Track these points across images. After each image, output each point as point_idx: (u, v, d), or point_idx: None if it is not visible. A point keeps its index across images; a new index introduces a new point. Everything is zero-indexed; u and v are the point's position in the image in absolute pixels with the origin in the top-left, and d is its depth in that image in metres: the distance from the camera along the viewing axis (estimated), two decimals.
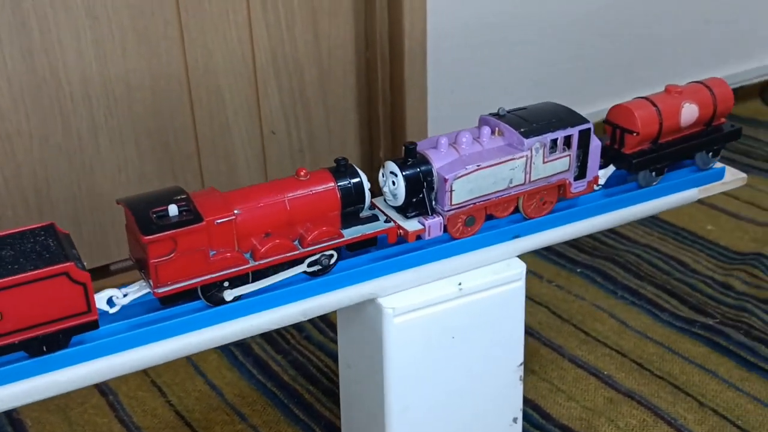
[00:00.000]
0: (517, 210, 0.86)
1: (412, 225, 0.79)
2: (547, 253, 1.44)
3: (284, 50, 1.44)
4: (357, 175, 0.77)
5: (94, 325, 0.67)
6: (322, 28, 1.46)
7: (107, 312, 0.71)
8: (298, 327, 1.26)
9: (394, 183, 0.79)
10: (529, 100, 1.76)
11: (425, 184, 0.79)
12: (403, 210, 0.80)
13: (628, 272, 1.39)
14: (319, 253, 0.75)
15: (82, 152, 1.31)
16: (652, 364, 1.18)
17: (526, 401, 1.12)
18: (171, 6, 1.31)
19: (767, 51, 2.08)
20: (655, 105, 0.90)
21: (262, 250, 0.72)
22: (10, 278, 0.63)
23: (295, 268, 0.75)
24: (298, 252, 0.74)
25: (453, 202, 0.79)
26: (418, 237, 0.80)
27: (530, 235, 0.86)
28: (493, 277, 0.82)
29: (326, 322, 1.27)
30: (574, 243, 1.46)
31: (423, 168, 0.79)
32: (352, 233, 0.77)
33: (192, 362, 1.19)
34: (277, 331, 1.25)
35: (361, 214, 0.78)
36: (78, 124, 1.29)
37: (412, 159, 0.79)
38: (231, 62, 1.39)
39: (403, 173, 0.78)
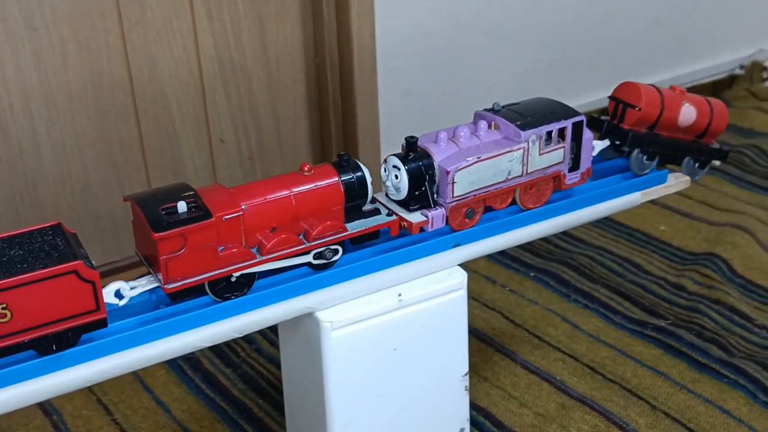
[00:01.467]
0: (514, 202, 0.88)
1: (415, 217, 0.81)
2: (501, 257, 1.44)
3: (231, 58, 1.42)
4: (359, 169, 0.79)
5: (102, 324, 0.68)
6: (269, 34, 1.44)
7: (116, 305, 0.72)
8: (248, 339, 1.24)
9: (397, 177, 0.81)
10: (481, 105, 1.75)
11: (427, 177, 0.80)
12: (406, 204, 0.82)
13: (581, 275, 1.38)
14: (324, 246, 0.76)
15: (23, 164, 1.28)
16: (604, 368, 1.17)
17: (479, 409, 1.11)
18: (112, 15, 1.28)
19: (719, 51, 2.09)
20: (660, 92, 0.94)
21: (269, 245, 0.73)
22: (20, 277, 0.63)
23: (300, 258, 0.76)
24: (303, 246, 0.75)
25: (455, 194, 0.81)
26: (422, 229, 0.81)
27: (471, 243, 0.84)
28: (434, 286, 0.81)
29: (277, 334, 1.25)
30: (527, 247, 1.46)
31: (425, 161, 0.81)
32: (355, 227, 0.78)
33: (139, 378, 1.17)
34: (227, 343, 1.23)
35: (363, 208, 0.80)
36: (19, 136, 1.26)
37: (413, 153, 0.81)
38: (176, 71, 1.37)
39: (406, 167, 0.80)
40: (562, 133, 0.87)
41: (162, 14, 1.32)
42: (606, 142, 0.96)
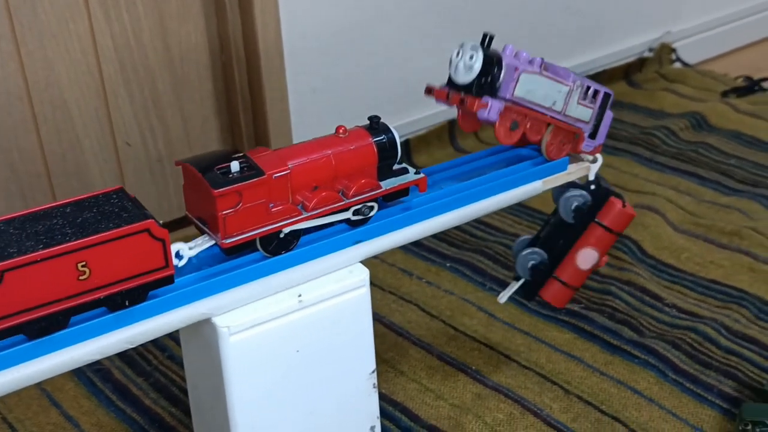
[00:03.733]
0: (539, 151, 0.95)
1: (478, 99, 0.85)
2: (418, 249, 1.43)
3: (133, 58, 1.38)
4: (390, 131, 0.84)
5: (170, 280, 0.72)
6: (171, 33, 1.41)
7: (176, 265, 0.75)
8: (160, 346, 1.21)
9: (472, 57, 0.85)
10: (394, 97, 1.75)
11: (496, 68, 0.86)
12: (468, 88, 0.86)
13: (496, 263, 1.39)
14: (361, 203, 0.82)
15: None
16: (519, 355, 1.18)
17: (395, 404, 1.10)
18: (2, 19, 1.24)
19: (628, 35, 2.12)
20: None
21: (313, 202, 0.79)
22: (98, 236, 0.67)
23: (339, 214, 0.81)
24: (343, 203, 0.81)
25: (515, 93, 0.86)
26: (479, 109, 0.85)
27: (371, 239, 0.84)
28: (335, 285, 0.80)
29: None
30: (443, 237, 1.46)
31: (497, 56, 0.87)
32: (388, 184, 0.83)
33: (46, 393, 1.13)
34: (139, 352, 1.20)
35: (393, 168, 0.85)
36: None
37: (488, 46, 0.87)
38: (75, 74, 1.33)
39: (484, 51, 0.85)
40: (595, 95, 0.95)
41: (56, 16, 1.28)
42: None
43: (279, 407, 0.81)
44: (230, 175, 0.74)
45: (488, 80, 0.86)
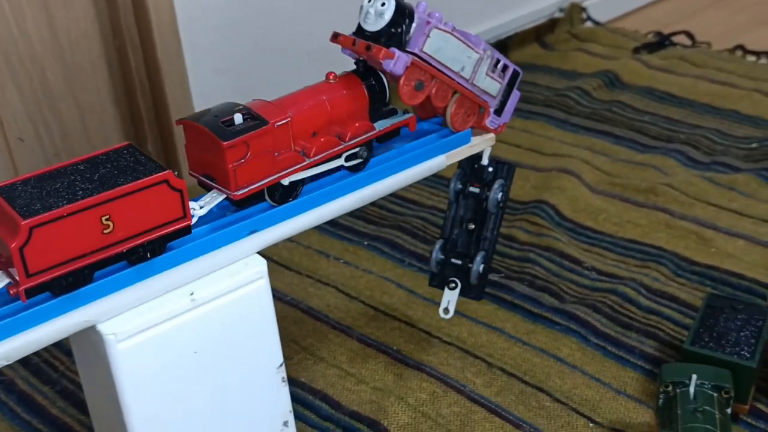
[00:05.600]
0: (445, 123, 0.91)
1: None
2: (334, 229, 1.40)
3: (18, 49, 1.30)
4: (377, 74, 0.85)
5: (188, 230, 0.73)
6: (57, 20, 1.33)
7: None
8: (66, 351, 1.15)
9: (384, 4, 0.82)
10: (304, 72, 1.69)
11: (408, 20, 0.82)
12: (376, 38, 0.82)
13: (415, 238, 1.36)
14: (358, 147, 0.83)
15: None
16: (440, 330, 1.16)
17: (315, 392, 1.07)
18: None
19: None
20: None
21: (315, 147, 0.80)
22: (120, 188, 0.68)
23: (338, 160, 0.82)
24: (342, 146, 0.82)
25: (424, 48, 0.83)
26: (385, 58, 0.81)
27: (268, 228, 0.79)
28: (230, 280, 0.76)
29: None
30: (360, 215, 1.42)
31: (410, 8, 0.83)
32: (380, 126, 0.85)
33: None
34: (44, 359, 1.14)
35: (383, 110, 0.86)
36: None
37: None
38: None
39: (397, 0, 0.82)
40: (504, 70, 0.93)
41: None
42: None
43: (182, 412, 0.76)
44: (236, 127, 0.75)
45: (398, 31, 0.83)
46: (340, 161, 0.83)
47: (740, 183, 1.44)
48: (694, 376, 0.92)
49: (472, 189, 1.00)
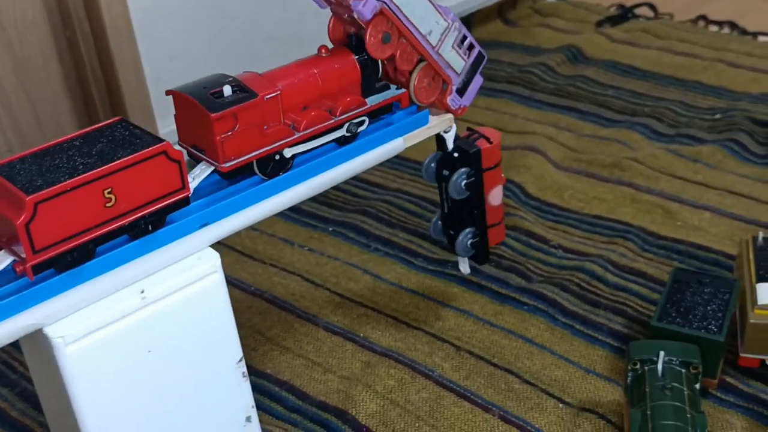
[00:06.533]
0: (411, 101, 0.90)
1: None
2: (298, 215, 1.37)
3: None
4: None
5: (186, 201, 0.74)
6: (5, 13, 1.29)
7: None
8: None
9: None
10: (262, 57, 1.66)
11: None
12: None
13: (380, 222, 1.34)
14: (348, 121, 0.83)
15: None
16: (407, 315, 1.14)
17: (281, 384, 1.05)
18: None
19: None
20: None
21: (305, 121, 0.80)
22: (120, 161, 0.68)
23: (329, 135, 0.83)
24: (333, 120, 0.82)
25: None
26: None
27: (221, 220, 0.77)
28: (182, 276, 0.73)
29: None
30: (324, 200, 1.40)
31: None
32: (372, 101, 0.85)
33: None
34: (3, 360, 1.12)
35: (376, 85, 0.86)
36: None
37: None
38: None
39: None
40: (471, 48, 0.92)
41: None
42: None
43: (139, 413, 0.74)
44: (225, 99, 0.74)
45: None
46: (332, 136, 0.83)
47: (705, 155, 1.43)
48: (662, 353, 0.91)
49: (444, 172, 0.99)
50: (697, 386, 0.91)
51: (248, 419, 0.83)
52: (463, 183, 0.97)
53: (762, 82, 1.66)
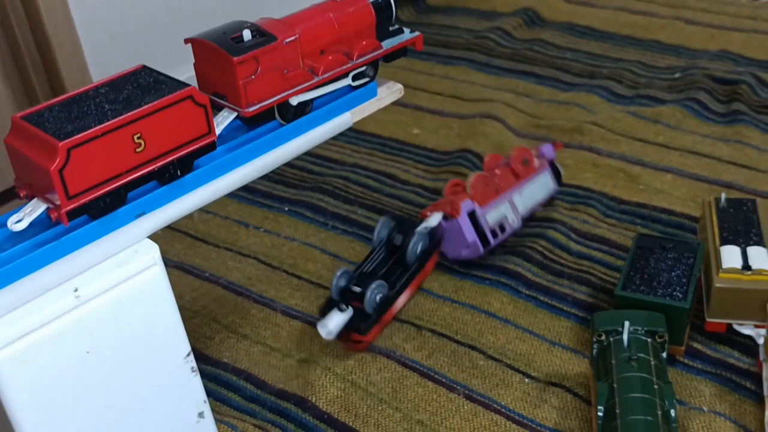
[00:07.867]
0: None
1: None
2: (252, 196, 1.33)
3: None
4: None
5: (213, 146, 0.73)
6: None
7: None
8: None
9: None
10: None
11: None
12: None
13: (337, 199, 1.30)
14: (365, 65, 0.84)
15: None
16: None
17: (239, 372, 1.02)
18: None
19: None
20: None
21: (323, 66, 0.80)
22: (148, 106, 0.67)
23: (344, 80, 0.83)
24: (351, 64, 0.82)
25: None
26: None
27: (156, 209, 0.73)
28: (119, 271, 0.69)
29: None
30: (279, 178, 1.36)
31: None
32: (387, 44, 0.85)
33: None
34: None
35: (390, 29, 0.86)
36: None
37: None
38: None
39: None
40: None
41: None
42: None
43: (84, 417, 0.70)
44: (245, 43, 0.74)
45: None
46: (348, 80, 0.83)
47: (665, 115, 1.40)
48: (627, 323, 0.88)
49: (395, 240, 1.05)
50: (664, 355, 0.89)
51: (201, 415, 0.79)
52: (418, 249, 1.04)
53: (720, 38, 1.64)
